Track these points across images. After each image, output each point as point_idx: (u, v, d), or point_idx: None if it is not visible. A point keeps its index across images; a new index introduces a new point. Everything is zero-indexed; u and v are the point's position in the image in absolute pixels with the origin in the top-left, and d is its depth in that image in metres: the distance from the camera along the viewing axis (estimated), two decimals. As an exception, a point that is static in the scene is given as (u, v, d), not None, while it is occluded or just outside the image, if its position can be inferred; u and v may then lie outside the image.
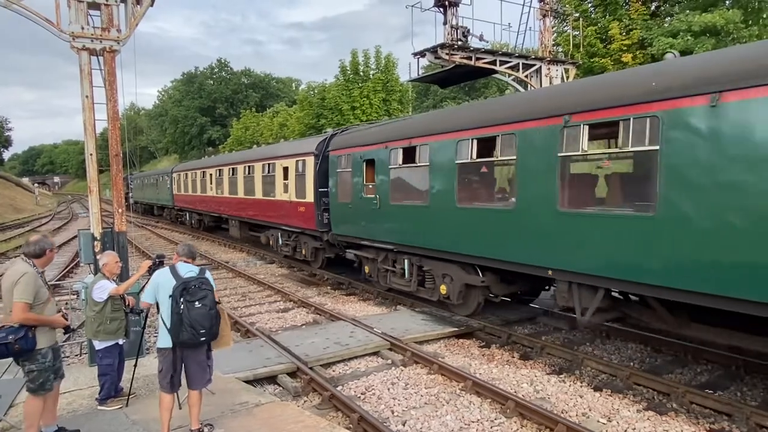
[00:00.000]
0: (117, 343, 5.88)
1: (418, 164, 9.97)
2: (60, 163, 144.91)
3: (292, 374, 7.36)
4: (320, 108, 33.97)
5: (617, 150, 6.75)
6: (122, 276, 6.79)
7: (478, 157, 8.64)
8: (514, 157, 7.89)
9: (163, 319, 4.70)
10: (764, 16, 17.16)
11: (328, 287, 13.73)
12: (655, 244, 6.02)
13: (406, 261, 10.84)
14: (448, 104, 32.84)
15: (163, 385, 4.80)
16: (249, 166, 19.25)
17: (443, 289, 9.85)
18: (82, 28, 7.87)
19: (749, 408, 5.82)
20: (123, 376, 6.07)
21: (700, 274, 5.64)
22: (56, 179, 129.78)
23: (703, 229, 5.56)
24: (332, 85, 34.87)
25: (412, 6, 13.71)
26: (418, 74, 15.34)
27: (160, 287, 4.75)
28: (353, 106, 32.23)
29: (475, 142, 8.64)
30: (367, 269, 12.48)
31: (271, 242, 17.98)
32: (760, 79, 5.10)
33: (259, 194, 18.18)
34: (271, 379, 7.26)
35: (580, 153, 6.96)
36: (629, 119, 6.23)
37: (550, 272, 7.52)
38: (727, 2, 18.29)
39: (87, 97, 7.91)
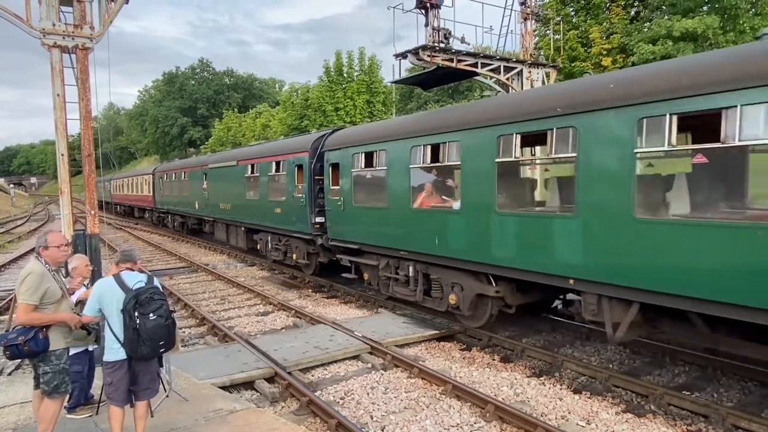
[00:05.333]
0: (87, 350, 5.68)
1: (183, 180, 24.14)
2: (37, 163, 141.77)
3: (270, 379, 7.22)
4: (303, 109, 33.81)
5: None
6: (93, 280, 6.59)
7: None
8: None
9: (113, 333, 4.45)
10: (740, 22, 17.46)
11: (309, 290, 13.59)
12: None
13: (169, 216, 26.78)
14: (432, 107, 32.84)
15: (115, 398, 4.55)
16: (136, 177, 36.52)
17: (177, 223, 26.84)
18: (54, 25, 7.66)
19: (725, 409, 5.87)
20: (93, 383, 5.88)
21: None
22: (33, 180, 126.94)
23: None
24: (316, 86, 34.70)
25: (394, 7, 13.64)
26: (399, 76, 15.25)
27: (103, 298, 4.49)
28: (337, 107, 32.10)
29: (185, 172, 24.19)
30: (172, 224, 28.25)
31: (146, 216, 35.39)
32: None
33: (139, 192, 34.92)
34: (249, 384, 7.13)
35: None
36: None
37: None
38: (705, 8, 18.58)
39: (58, 95, 7.71)
